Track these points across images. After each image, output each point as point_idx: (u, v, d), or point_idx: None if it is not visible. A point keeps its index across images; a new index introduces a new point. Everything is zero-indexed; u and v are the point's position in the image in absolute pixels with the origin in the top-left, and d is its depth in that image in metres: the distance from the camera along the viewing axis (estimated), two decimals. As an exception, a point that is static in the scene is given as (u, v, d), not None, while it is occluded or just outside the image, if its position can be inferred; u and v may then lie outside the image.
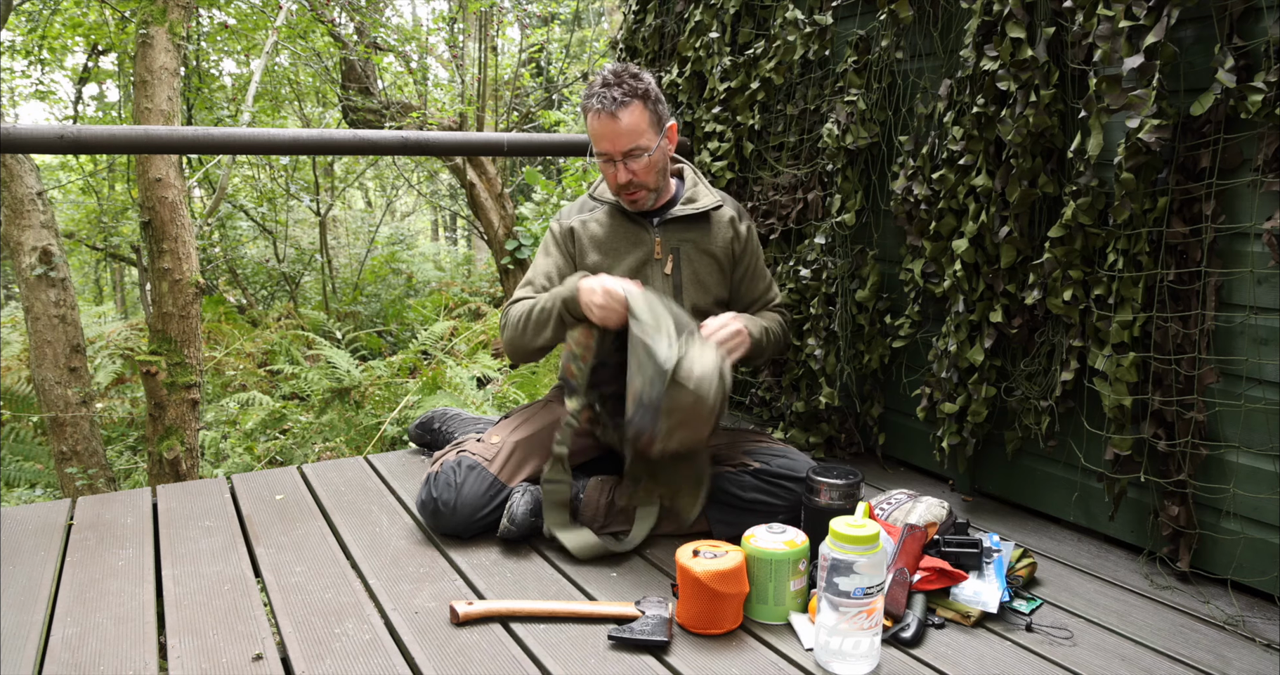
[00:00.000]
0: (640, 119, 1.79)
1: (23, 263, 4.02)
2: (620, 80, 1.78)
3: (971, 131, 1.85)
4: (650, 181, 1.85)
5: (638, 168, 1.82)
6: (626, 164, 1.81)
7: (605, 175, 1.87)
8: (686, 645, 1.39)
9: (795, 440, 2.37)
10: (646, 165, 1.82)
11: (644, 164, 1.82)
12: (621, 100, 1.77)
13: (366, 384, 5.37)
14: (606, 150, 1.81)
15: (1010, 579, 1.57)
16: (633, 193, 1.85)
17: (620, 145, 1.79)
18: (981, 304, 1.91)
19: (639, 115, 1.79)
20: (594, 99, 1.79)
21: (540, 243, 2.00)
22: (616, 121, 1.77)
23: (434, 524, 1.77)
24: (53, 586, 1.57)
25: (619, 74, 1.80)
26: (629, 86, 1.78)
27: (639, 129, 1.79)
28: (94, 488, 4.15)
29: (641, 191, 1.86)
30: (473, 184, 5.76)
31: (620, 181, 1.83)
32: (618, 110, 1.76)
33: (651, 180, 1.85)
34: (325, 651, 1.35)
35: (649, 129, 1.81)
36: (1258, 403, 1.53)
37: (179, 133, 2.22)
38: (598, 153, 1.83)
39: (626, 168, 1.81)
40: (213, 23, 6.36)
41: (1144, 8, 1.51)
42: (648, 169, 1.83)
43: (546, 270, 1.93)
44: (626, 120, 1.77)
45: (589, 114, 1.81)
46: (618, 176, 1.83)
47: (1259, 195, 1.49)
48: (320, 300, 8.91)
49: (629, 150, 1.80)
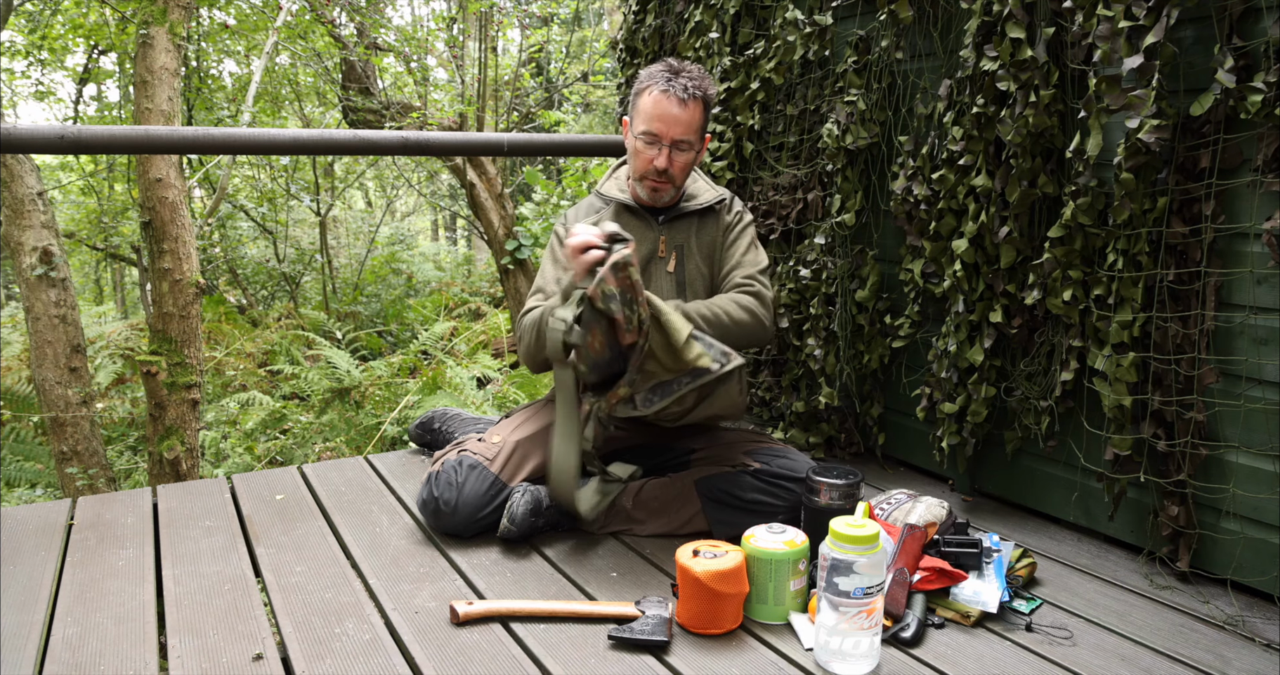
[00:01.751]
0: (699, 117, 1.83)
1: (23, 263, 4.02)
2: (692, 75, 1.82)
3: (971, 132, 1.85)
4: (679, 178, 1.87)
5: (679, 161, 1.84)
6: (671, 153, 1.83)
7: (639, 157, 1.85)
8: (686, 645, 1.39)
9: (795, 440, 2.37)
10: (685, 162, 1.85)
11: (684, 160, 1.85)
12: (692, 92, 1.80)
13: (366, 384, 5.37)
14: (658, 131, 1.81)
15: (1010, 579, 1.57)
16: (660, 183, 1.86)
17: (675, 132, 1.81)
18: (981, 304, 1.91)
19: (699, 113, 1.82)
20: (662, 81, 1.80)
21: (547, 245, 1.99)
22: (683, 108, 1.80)
23: (435, 523, 1.77)
24: (53, 586, 1.57)
25: (688, 68, 1.84)
26: (700, 84, 1.82)
27: (695, 125, 1.82)
28: (94, 488, 4.16)
29: (668, 185, 1.87)
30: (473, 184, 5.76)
31: (658, 166, 1.83)
32: (688, 99, 1.80)
33: (681, 178, 1.87)
34: (325, 651, 1.35)
35: (699, 129, 1.85)
36: (1257, 403, 1.53)
37: (179, 133, 2.23)
38: (645, 132, 1.82)
39: (670, 156, 1.83)
40: (213, 23, 6.36)
41: (1144, 8, 1.51)
42: (685, 167, 1.86)
43: (557, 276, 1.92)
44: (690, 112, 1.80)
45: (653, 93, 1.81)
46: (657, 160, 1.83)
47: (1259, 195, 1.49)
48: (320, 300, 8.91)
49: (679, 140, 1.82)
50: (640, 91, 1.84)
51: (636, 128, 1.85)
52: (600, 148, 2.84)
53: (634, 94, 1.87)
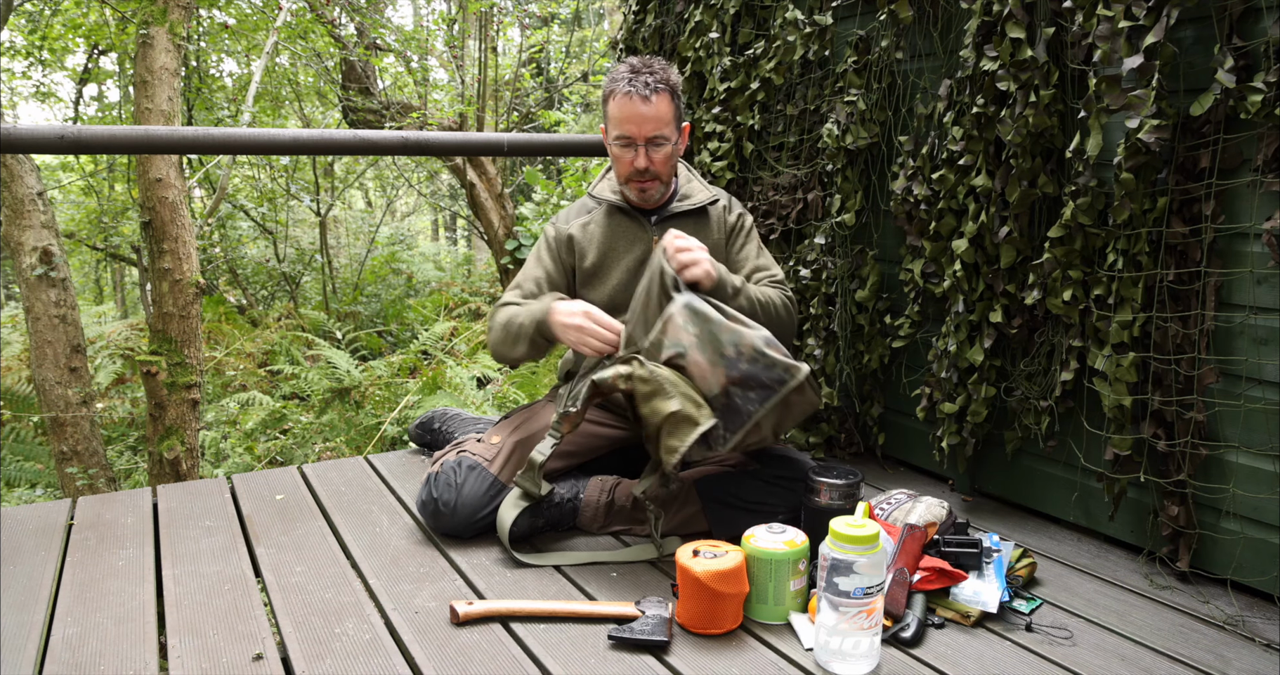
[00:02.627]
0: (668, 109, 1.81)
1: (23, 263, 4.03)
2: (652, 69, 1.80)
3: (971, 132, 1.85)
4: (664, 174, 1.86)
5: (658, 157, 1.83)
6: (648, 151, 1.81)
7: (620, 162, 1.86)
8: (686, 645, 1.39)
9: (795, 440, 2.37)
10: (665, 156, 1.84)
11: (664, 154, 1.83)
12: (654, 87, 1.79)
13: (366, 384, 5.37)
14: (630, 134, 1.81)
15: (1010, 579, 1.57)
16: (646, 182, 1.85)
17: (646, 131, 1.80)
18: (981, 304, 1.91)
19: (667, 105, 1.81)
20: (623, 83, 1.79)
21: (535, 243, 2.00)
22: (648, 105, 1.78)
23: (434, 524, 1.77)
24: (53, 586, 1.57)
25: (648, 63, 1.82)
26: (661, 75, 1.80)
27: (665, 118, 1.81)
28: (94, 488, 4.16)
29: (655, 183, 1.86)
30: (473, 184, 5.76)
31: (639, 166, 1.83)
32: (651, 95, 1.78)
33: (666, 173, 1.86)
34: (325, 651, 1.35)
35: (673, 121, 1.83)
36: (1257, 403, 1.53)
37: (179, 133, 2.23)
38: (618, 136, 1.82)
39: (647, 154, 1.82)
40: (213, 23, 6.36)
41: (1143, 8, 1.51)
42: (665, 160, 1.85)
43: (536, 276, 1.93)
44: (657, 107, 1.79)
45: (616, 97, 1.80)
46: (636, 162, 1.82)
47: (1258, 195, 1.50)
48: (320, 300, 8.91)
49: (653, 137, 1.81)
50: (606, 98, 1.84)
51: (610, 134, 1.85)
52: (600, 148, 2.84)
53: (601, 101, 1.87)
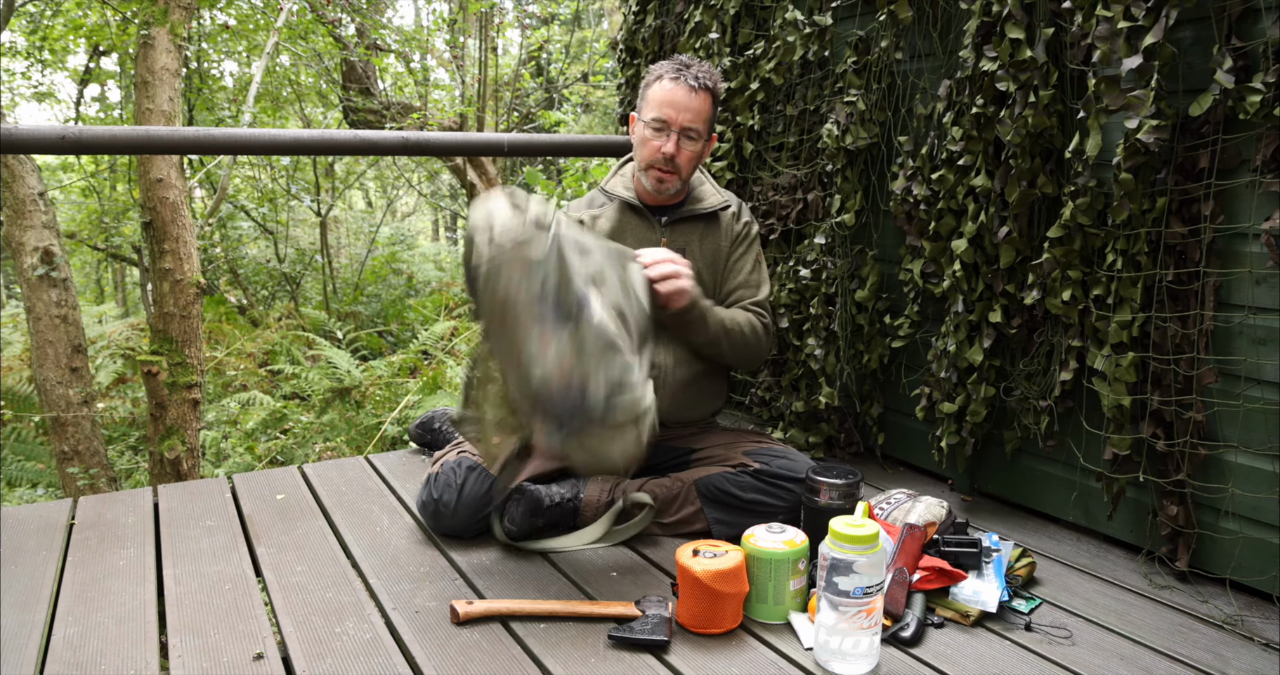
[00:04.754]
0: (708, 108, 1.85)
1: (24, 263, 4.03)
2: (703, 69, 1.84)
3: (971, 132, 1.85)
4: (686, 170, 1.87)
5: (685, 151, 1.84)
6: (679, 140, 1.83)
7: (647, 145, 1.85)
8: (686, 645, 1.39)
9: (795, 440, 2.37)
10: (692, 153, 1.85)
11: (692, 150, 1.85)
12: (703, 81, 1.83)
13: (367, 384, 5.37)
14: (668, 118, 1.82)
15: (1009, 578, 1.58)
16: (667, 173, 1.85)
17: (684, 119, 1.82)
18: (981, 304, 1.91)
19: (708, 104, 1.84)
20: (674, 70, 1.83)
21: None
22: (693, 96, 1.81)
23: (434, 524, 1.77)
24: (54, 586, 1.57)
25: (700, 63, 1.86)
26: (710, 77, 1.85)
27: (704, 115, 1.84)
28: (95, 487, 4.16)
29: (674, 176, 1.86)
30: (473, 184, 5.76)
31: (666, 151, 1.82)
32: (698, 88, 1.82)
33: (687, 170, 1.87)
34: (326, 651, 1.36)
35: (708, 120, 1.86)
36: (1256, 403, 1.54)
37: (180, 133, 2.23)
38: (654, 119, 1.83)
39: (678, 143, 1.83)
40: (214, 23, 6.37)
41: (1143, 8, 1.51)
42: (691, 158, 1.86)
43: None
44: (700, 100, 1.82)
45: (663, 81, 1.83)
46: (665, 147, 1.83)
47: (1257, 195, 1.50)
48: (321, 300, 8.91)
49: (687, 128, 1.82)
50: (650, 82, 1.86)
51: (645, 115, 1.85)
52: (600, 148, 2.84)
53: (643, 86, 1.89)
